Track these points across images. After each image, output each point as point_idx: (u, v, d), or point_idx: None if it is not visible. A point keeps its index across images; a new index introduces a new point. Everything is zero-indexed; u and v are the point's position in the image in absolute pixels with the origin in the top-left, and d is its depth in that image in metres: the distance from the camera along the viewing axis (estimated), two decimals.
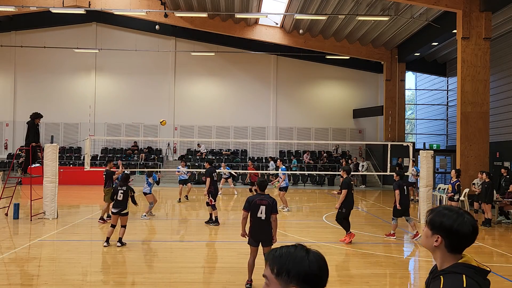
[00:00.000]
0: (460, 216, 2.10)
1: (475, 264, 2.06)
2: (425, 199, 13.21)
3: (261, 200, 6.56)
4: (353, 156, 28.38)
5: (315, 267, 1.65)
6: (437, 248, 2.13)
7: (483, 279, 2.04)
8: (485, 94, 17.07)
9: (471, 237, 2.10)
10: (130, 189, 9.34)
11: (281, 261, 1.65)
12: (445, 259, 2.12)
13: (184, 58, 29.02)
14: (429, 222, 2.16)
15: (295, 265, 1.63)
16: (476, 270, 2.03)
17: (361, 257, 8.80)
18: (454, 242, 2.09)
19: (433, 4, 17.38)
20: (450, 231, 2.08)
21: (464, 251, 2.12)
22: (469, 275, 2.00)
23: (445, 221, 2.10)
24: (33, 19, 27.75)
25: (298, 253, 1.66)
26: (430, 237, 2.15)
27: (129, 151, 28.33)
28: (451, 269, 2.05)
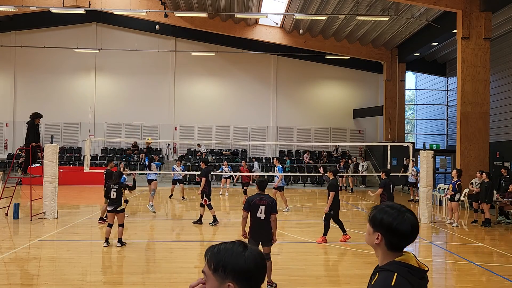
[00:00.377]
0: (401, 214, 2.09)
1: (412, 263, 2.04)
2: (425, 199, 13.21)
3: (261, 200, 6.56)
4: (353, 156, 28.38)
5: (252, 263, 1.64)
6: (377, 246, 2.11)
7: (418, 278, 2.02)
8: (485, 94, 17.08)
9: (410, 236, 2.08)
10: (122, 186, 9.39)
11: (218, 257, 1.65)
12: (385, 256, 2.09)
13: (184, 58, 29.02)
14: (370, 220, 2.15)
15: (231, 261, 1.63)
16: (411, 269, 2.01)
17: (361, 257, 8.79)
18: (393, 240, 2.07)
19: (433, 4, 17.38)
20: (390, 228, 2.06)
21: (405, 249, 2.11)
22: (401, 274, 1.98)
23: (385, 219, 2.08)
24: (33, 19, 27.75)
25: (235, 249, 1.67)
26: (371, 234, 2.13)
27: (129, 151, 28.33)
28: (386, 266, 2.04)
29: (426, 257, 9.28)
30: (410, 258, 2.06)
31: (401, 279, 1.96)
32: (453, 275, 7.82)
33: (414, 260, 2.06)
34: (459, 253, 9.39)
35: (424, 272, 2.06)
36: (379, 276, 2.03)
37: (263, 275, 1.70)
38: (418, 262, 2.07)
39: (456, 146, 17.79)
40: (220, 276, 1.63)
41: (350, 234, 11.12)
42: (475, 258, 8.82)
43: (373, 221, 2.13)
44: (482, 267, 8.14)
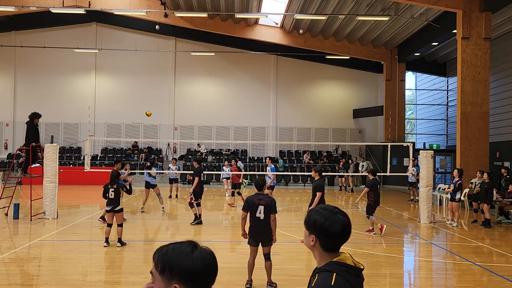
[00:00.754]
0: (332, 215, 2.14)
1: (349, 263, 2.10)
2: (425, 199, 13.21)
3: (260, 200, 6.57)
4: (353, 156, 28.38)
5: (199, 264, 1.60)
6: (314, 247, 2.16)
7: (355, 277, 2.08)
8: (485, 94, 17.08)
9: (342, 236, 2.13)
10: (120, 186, 9.43)
11: (165, 258, 1.62)
12: (322, 257, 2.14)
13: (184, 58, 29.02)
14: (305, 222, 2.20)
15: (178, 262, 1.59)
16: (348, 268, 2.07)
17: (361, 257, 8.79)
18: (326, 241, 2.12)
19: (433, 4, 17.38)
20: (322, 229, 2.11)
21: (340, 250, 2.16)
22: (340, 273, 2.04)
23: (318, 220, 2.13)
24: (33, 19, 27.75)
25: (183, 250, 1.63)
26: (307, 237, 2.18)
27: (129, 151, 28.33)
28: (325, 267, 2.09)
29: (426, 257, 9.28)
30: (347, 258, 2.13)
31: (340, 278, 2.02)
32: (453, 275, 7.83)
33: (350, 260, 2.13)
34: (459, 253, 9.39)
35: (360, 270, 2.13)
36: (319, 277, 2.07)
37: (212, 276, 1.66)
38: (354, 261, 2.13)
39: (456, 146, 17.79)
40: (167, 277, 1.59)
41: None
42: (475, 258, 8.82)
43: (307, 224, 2.18)
44: (482, 267, 8.15)
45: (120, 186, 9.42)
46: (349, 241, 7.92)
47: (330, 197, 20.72)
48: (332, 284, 2.00)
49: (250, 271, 6.66)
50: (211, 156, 27.92)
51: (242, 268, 7.35)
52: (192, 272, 1.59)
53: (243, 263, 6.77)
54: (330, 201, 18.86)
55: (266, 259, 6.60)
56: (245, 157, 28.88)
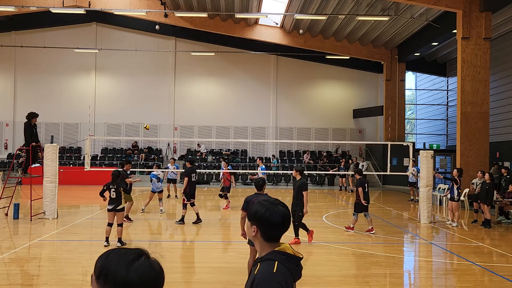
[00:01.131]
0: (273, 206, 2.23)
1: (289, 252, 2.19)
2: (425, 199, 13.21)
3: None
4: (353, 156, 28.38)
5: (135, 277, 1.46)
6: (255, 238, 2.24)
7: (295, 265, 2.20)
8: (485, 94, 17.08)
9: (282, 226, 2.22)
10: (120, 185, 9.47)
11: (104, 263, 1.50)
12: (263, 247, 2.23)
13: (184, 58, 29.02)
14: (248, 213, 2.28)
15: (113, 270, 1.46)
16: (288, 257, 2.17)
17: (361, 257, 8.80)
18: (267, 231, 2.20)
19: (433, 4, 17.38)
20: (263, 220, 2.20)
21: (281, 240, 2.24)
22: (281, 262, 2.13)
23: (259, 211, 2.22)
24: (33, 19, 27.75)
25: (124, 258, 1.49)
26: (249, 228, 2.26)
27: (129, 151, 28.34)
28: (267, 256, 2.18)
29: (426, 257, 9.28)
30: (287, 248, 2.22)
31: (281, 266, 2.12)
32: (453, 275, 7.83)
33: (290, 249, 2.22)
34: (459, 253, 9.39)
35: (299, 259, 2.24)
36: (261, 265, 2.15)
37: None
38: (293, 251, 2.23)
39: (456, 146, 17.79)
40: (100, 284, 1.48)
41: (350, 234, 11.13)
42: (475, 258, 8.82)
43: (249, 215, 2.26)
44: (482, 267, 8.15)
45: (119, 185, 9.45)
46: (349, 241, 7.91)
47: (330, 197, 20.72)
48: (274, 271, 2.08)
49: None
50: (211, 156, 27.91)
51: (242, 268, 7.35)
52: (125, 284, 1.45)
53: (243, 263, 6.77)
54: (330, 201, 18.86)
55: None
56: (245, 157, 28.89)
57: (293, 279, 2.17)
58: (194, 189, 12.20)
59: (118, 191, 9.33)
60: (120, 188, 9.43)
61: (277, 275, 2.07)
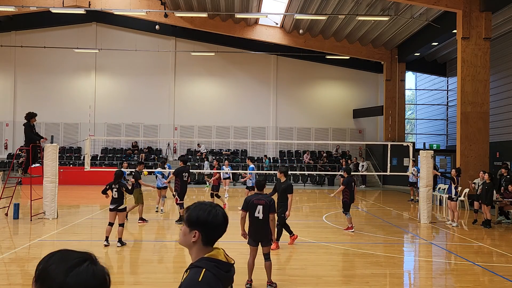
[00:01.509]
0: (213, 209, 2.26)
1: (221, 258, 2.19)
2: (425, 199, 13.21)
3: (259, 199, 6.57)
4: (353, 156, 28.39)
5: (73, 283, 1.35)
6: (194, 244, 2.23)
7: (225, 271, 2.17)
8: (485, 94, 17.08)
9: (223, 228, 2.27)
10: (122, 185, 9.49)
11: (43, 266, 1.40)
12: (198, 253, 2.22)
13: (184, 58, 29.03)
14: (186, 220, 2.26)
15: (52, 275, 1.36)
16: (218, 264, 2.16)
17: (361, 257, 8.79)
18: (209, 234, 2.22)
19: (433, 4, 17.38)
20: (206, 223, 2.21)
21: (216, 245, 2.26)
22: (209, 269, 2.12)
23: (201, 215, 2.22)
24: (33, 19, 27.75)
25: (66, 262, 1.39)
26: (188, 234, 2.24)
27: (129, 151, 28.34)
28: (196, 263, 2.17)
29: (426, 257, 9.28)
30: (219, 253, 2.22)
31: (209, 274, 2.10)
32: (453, 275, 7.82)
33: (222, 255, 2.22)
34: (459, 253, 9.39)
35: (231, 265, 2.24)
36: (189, 273, 2.13)
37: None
38: (226, 257, 2.24)
39: (456, 146, 17.79)
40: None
41: (350, 234, 11.13)
42: (475, 258, 8.82)
43: (189, 221, 2.24)
44: (482, 267, 8.15)
45: (121, 185, 9.46)
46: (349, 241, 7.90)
47: (330, 197, 20.70)
48: (199, 280, 2.06)
49: (250, 271, 6.66)
50: (211, 156, 27.90)
51: (242, 268, 7.35)
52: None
53: (243, 263, 6.77)
54: (330, 201, 18.83)
55: (266, 259, 6.60)
56: (245, 157, 28.86)
57: (223, 285, 2.15)
58: (184, 189, 12.13)
59: (120, 191, 9.35)
60: (122, 188, 9.44)
61: (202, 283, 2.05)
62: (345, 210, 11.46)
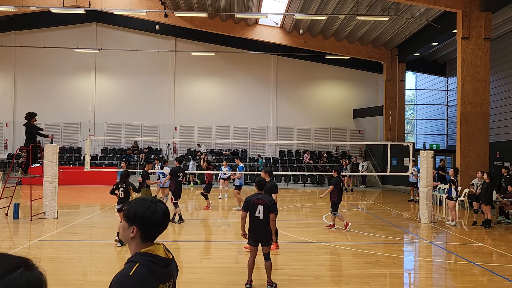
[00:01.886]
0: (153, 205, 2.23)
1: (159, 254, 2.17)
2: (425, 199, 13.21)
3: (259, 199, 6.57)
4: (353, 156, 28.39)
5: None
6: (132, 239, 2.20)
7: (162, 267, 2.15)
8: (485, 94, 17.08)
9: (163, 224, 2.24)
10: (129, 185, 9.62)
11: None
12: (137, 248, 2.19)
13: (184, 58, 29.03)
14: (125, 215, 2.24)
15: None
16: (153, 259, 2.13)
17: (361, 257, 8.79)
18: (148, 230, 2.19)
19: (433, 4, 17.38)
20: (144, 219, 2.18)
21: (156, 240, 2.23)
22: (143, 263, 2.09)
23: (139, 211, 2.20)
24: (33, 19, 27.76)
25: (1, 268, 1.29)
26: (127, 229, 2.22)
27: (129, 151, 28.34)
28: (131, 258, 2.14)
29: (426, 257, 9.28)
30: (158, 249, 2.19)
31: (142, 268, 2.07)
32: (453, 275, 7.83)
33: (161, 251, 2.20)
34: (459, 253, 9.39)
35: (169, 260, 2.21)
36: (123, 268, 2.11)
37: None
38: (165, 252, 2.21)
39: (456, 146, 17.79)
40: None
41: (350, 234, 11.13)
42: (475, 258, 8.82)
43: (128, 216, 2.22)
44: (482, 267, 8.15)
45: (128, 185, 9.62)
46: (349, 241, 7.90)
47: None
48: (130, 274, 2.03)
49: (250, 271, 6.66)
50: (211, 156, 27.91)
51: (242, 268, 7.35)
52: None
53: (243, 263, 6.77)
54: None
55: (266, 259, 6.60)
56: (245, 157, 28.87)
57: (160, 281, 2.12)
58: (178, 189, 12.28)
59: (126, 191, 9.53)
60: (129, 188, 9.60)
61: (132, 278, 2.02)
62: (334, 209, 11.63)
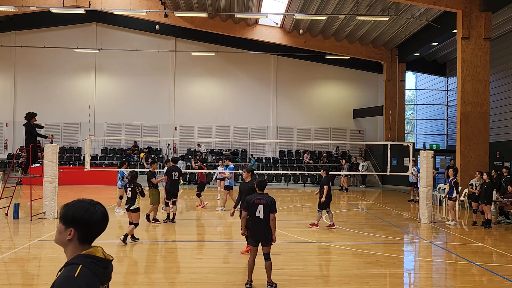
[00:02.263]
0: (92, 207, 2.21)
1: (99, 255, 2.17)
2: (425, 199, 13.21)
3: (259, 199, 6.58)
4: (353, 156, 28.39)
5: None
6: (69, 242, 2.19)
7: (103, 268, 2.16)
8: (485, 94, 17.08)
9: (102, 225, 2.23)
10: (137, 186, 9.82)
11: None
12: (74, 251, 2.18)
13: (184, 58, 29.03)
14: (62, 217, 2.21)
15: None
16: (95, 260, 2.13)
17: (361, 257, 8.79)
18: (86, 232, 2.18)
19: (433, 4, 17.38)
20: (83, 221, 2.16)
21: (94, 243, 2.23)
22: (86, 265, 2.08)
23: (77, 213, 2.17)
24: (33, 19, 27.75)
25: None
26: (63, 232, 2.19)
27: (129, 151, 28.33)
28: (72, 260, 2.12)
29: (426, 257, 9.28)
30: (97, 250, 2.19)
31: (85, 269, 2.07)
32: (453, 275, 7.83)
33: (100, 252, 2.20)
34: (459, 253, 9.39)
35: (109, 262, 2.23)
36: (64, 270, 2.09)
37: None
38: (104, 254, 2.22)
39: (456, 146, 17.79)
40: None
41: (350, 234, 11.13)
42: (475, 258, 8.82)
43: (64, 219, 2.19)
44: (482, 267, 8.15)
45: (136, 186, 9.77)
46: (349, 241, 7.89)
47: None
48: (75, 275, 2.02)
49: (250, 271, 6.66)
50: (211, 156, 27.92)
51: (242, 268, 7.36)
52: None
53: (243, 263, 6.77)
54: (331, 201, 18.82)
55: (266, 259, 6.60)
56: (245, 157, 28.88)
57: (101, 282, 2.12)
58: (174, 188, 12.33)
59: (134, 191, 9.74)
60: (137, 189, 9.74)
61: (78, 279, 2.01)
62: (320, 207, 11.80)
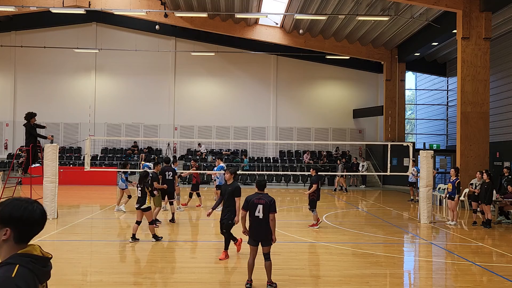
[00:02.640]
0: (30, 205, 2.18)
1: (36, 253, 2.13)
2: (425, 199, 13.21)
3: (259, 199, 6.58)
4: (353, 156, 28.39)
5: None
6: (4, 242, 2.13)
7: (41, 266, 2.13)
8: (485, 94, 17.08)
9: (41, 223, 2.20)
10: (146, 185, 9.93)
11: None
12: (10, 251, 2.13)
13: (184, 58, 29.03)
14: None
15: None
16: (33, 259, 2.10)
17: (361, 257, 8.79)
18: (23, 231, 2.14)
19: (433, 4, 17.38)
20: (21, 220, 2.13)
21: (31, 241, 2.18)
22: (23, 264, 2.05)
23: (15, 212, 2.13)
24: (33, 19, 27.76)
25: None
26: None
27: (129, 151, 28.34)
28: (8, 260, 2.08)
29: (426, 257, 9.28)
30: (34, 249, 2.16)
31: (23, 269, 2.03)
32: (453, 275, 7.83)
33: (38, 251, 2.16)
34: (459, 253, 9.39)
35: (48, 260, 2.20)
36: (0, 270, 2.04)
37: None
38: (42, 252, 2.18)
39: (456, 146, 17.79)
40: None
41: (350, 234, 11.13)
42: (475, 258, 8.82)
43: (1, 218, 2.14)
44: (482, 267, 8.15)
45: (146, 186, 9.88)
46: (349, 241, 7.89)
47: (330, 197, 20.70)
48: (13, 275, 1.99)
49: (250, 271, 6.66)
50: (211, 156, 27.92)
51: (242, 268, 7.36)
52: None
53: (243, 263, 6.77)
54: (331, 201, 18.83)
55: (266, 259, 6.60)
56: (245, 157, 28.85)
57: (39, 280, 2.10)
58: (171, 188, 12.51)
59: (143, 191, 9.83)
60: (147, 188, 9.87)
61: (16, 278, 1.98)
62: (312, 207, 11.86)
